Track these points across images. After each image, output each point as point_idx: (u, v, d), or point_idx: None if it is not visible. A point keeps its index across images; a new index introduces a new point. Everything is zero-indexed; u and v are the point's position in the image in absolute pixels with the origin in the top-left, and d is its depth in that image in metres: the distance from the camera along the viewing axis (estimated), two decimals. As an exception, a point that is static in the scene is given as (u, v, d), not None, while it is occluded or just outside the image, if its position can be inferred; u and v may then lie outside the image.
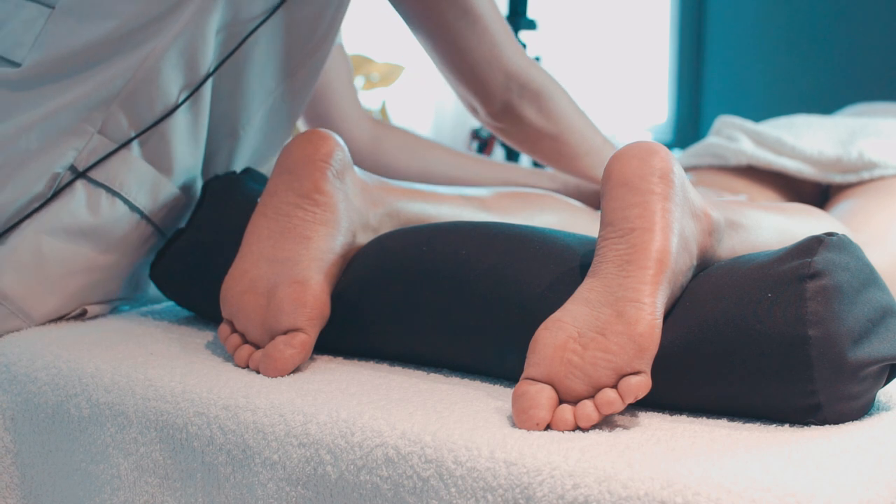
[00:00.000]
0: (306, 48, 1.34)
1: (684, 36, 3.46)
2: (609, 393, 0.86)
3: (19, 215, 1.18)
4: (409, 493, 0.86)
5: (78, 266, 1.21)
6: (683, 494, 0.75)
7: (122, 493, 1.02)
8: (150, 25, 1.20)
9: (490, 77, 1.38)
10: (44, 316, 1.21)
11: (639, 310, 0.86)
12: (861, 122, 1.80)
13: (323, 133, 1.11)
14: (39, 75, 1.19)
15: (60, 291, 1.21)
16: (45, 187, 1.19)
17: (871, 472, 0.78)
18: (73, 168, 1.20)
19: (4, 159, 1.18)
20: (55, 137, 1.19)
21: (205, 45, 1.23)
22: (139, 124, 1.22)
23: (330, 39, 1.36)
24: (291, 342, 1.03)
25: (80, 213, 1.20)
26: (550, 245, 1.01)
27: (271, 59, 1.31)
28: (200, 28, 1.21)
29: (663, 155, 0.92)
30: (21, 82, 1.19)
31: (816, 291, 0.86)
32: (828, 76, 3.15)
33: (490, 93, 1.39)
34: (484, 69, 1.37)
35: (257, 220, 1.10)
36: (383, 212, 1.15)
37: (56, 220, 1.19)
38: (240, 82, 1.30)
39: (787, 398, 0.86)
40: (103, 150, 1.21)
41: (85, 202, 1.20)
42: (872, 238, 1.34)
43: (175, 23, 1.20)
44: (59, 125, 1.19)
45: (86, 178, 1.20)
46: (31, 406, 1.10)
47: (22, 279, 1.18)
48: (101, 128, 1.20)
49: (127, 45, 1.19)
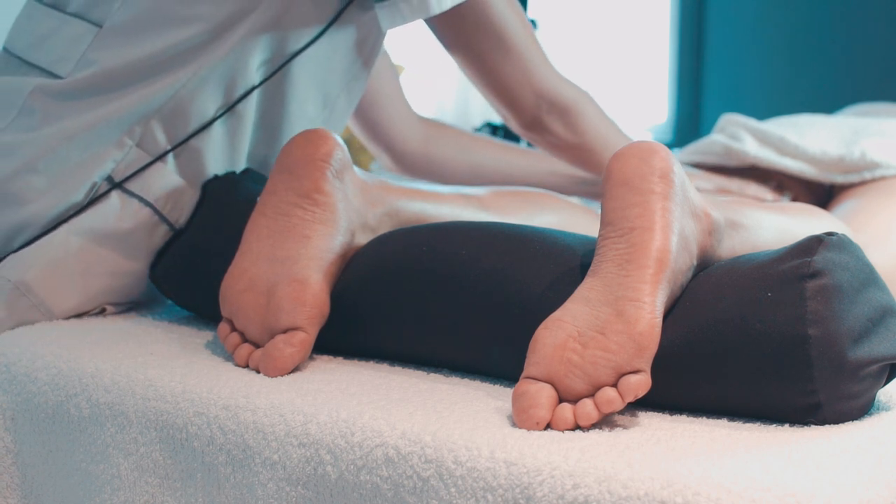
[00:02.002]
0: (346, 76, 1.37)
1: (684, 36, 3.46)
2: (609, 392, 0.86)
3: (56, 220, 1.22)
4: (409, 494, 0.86)
5: (103, 269, 1.23)
6: (683, 494, 0.75)
7: (122, 493, 1.02)
8: (194, 50, 1.23)
9: (521, 95, 1.41)
10: (64, 312, 1.23)
11: (639, 309, 0.86)
12: (864, 122, 1.80)
13: (322, 132, 1.11)
14: (82, 89, 1.23)
15: (83, 291, 1.23)
16: (83, 196, 1.22)
17: (871, 472, 0.78)
18: (110, 178, 1.23)
19: (45, 165, 1.21)
20: (96, 149, 1.22)
21: (246, 73, 1.26)
22: (174, 139, 1.25)
23: (369, 67, 1.39)
24: (291, 341, 1.03)
25: (111, 219, 1.23)
26: (550, 245, 1.01)
27: (312, 89, 1.34)
28: (244, 56, 1.25)
29: (663, 154, 0.92)
30: (63, 93, 1.23)
31: (816, 291, 0.86)
32: (828, 76, 3.15)
33: (520, 109, 1.43)
34: (515, 89, 1.41)
35: (257, 220, 1.10)
36: (382, 211, 1.15)
37: (88, 223, 1.23)
38: (281, 109, 1.32)
39: (787, 398, 0.86)
40: (139, 162, 1.24)
41: (118, 208, 1.23)
42: (873, 238, 1.34)
43: (218, 49, 1.24)
44: (101, 137, 1.22)
45: (121, 189, 1.23)
46: (31, 406, 1.10)
47: (48, 275, 1.21)
48: (140, 141, 1.23)
49: (171, 66, 1.23)
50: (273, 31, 1.26)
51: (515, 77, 1.40)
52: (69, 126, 1.21)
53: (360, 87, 1.41)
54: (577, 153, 1.50)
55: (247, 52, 1.25)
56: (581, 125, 1.47)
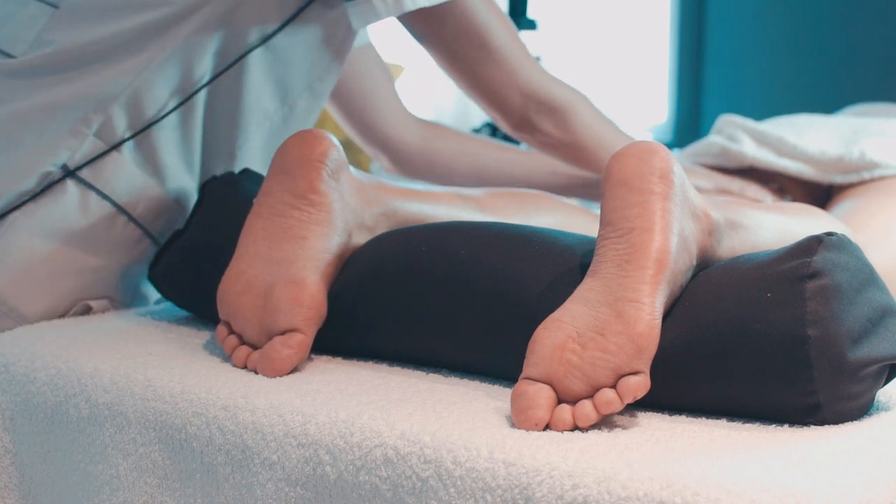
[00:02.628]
0: (310, 75, 1.36)
1: (684, 36, 3.46)
2: (608, 393, 0.86)
3: (7, 207, 1.21)
4: (408, 494, 0.86)
5: (68, 267, 1.23)
6: (682, 495, 0.75)
7: (121, 493, 1.02)
8: (151, 35, 1.22)
9: (507, 97, 1.41)
10: (38, 315, 1.23)
11: (638, 310, 0.86)
12: (863, 122, 1.80)
13: (317, 133, 1.11)
14: (34, 68, 1.22)
15: (52, 292, 1.23)
16: (35, 184, 1.21)
17: (871, 472, 0.78)
18: (65, 167, 1.22)
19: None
20: (50, 134, 1.21)
21: (201, 61, 1.25)
22: (131, 129, 1.24)
23: (337, 66, 1.38)
24: (289, 342, 1.03)
25: (71, 214, 1.22)
26: (550, 245, 1.01)
27: (269, 83, 1.33)
28: (198, 45, 1.24)
29: (663, 155, 0.92)
30: (15, 72, 1.22)
31: (816, 291, 0.86)
32: (828, 76, 3.15)
33: (508, 110, 1.43)
34: (501, 91, 1.40)
35: (253, 221, 1.10)
36: (379, 211, 1.14)
37: (48, 222, 1.22)
38: (236, 102, 1.32)
39: (787, 398, 0.86)
40: (95, 152, 1.23)
41: (76, 203, 1.23)
42: (873, 238, 1.34)
43: (174, 36, 1.23)
44: (54, 122, 1.21)
45: (76, 178, 1.23)
46: (30, 406, 1.10)
47: (14, 280, 1.21)
48: (98, 131, 1.23)
49: (126, 50, 1.22)
50: (230, 21, 1.25)
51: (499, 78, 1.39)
52: (20, 108, 1.21)
53: (326, 86, 1.39)
54: (570, 151, 1.49)
55: (203, 42, 1.24)
56: (572, 124, 1.46)
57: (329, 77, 1.38)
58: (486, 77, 1.39)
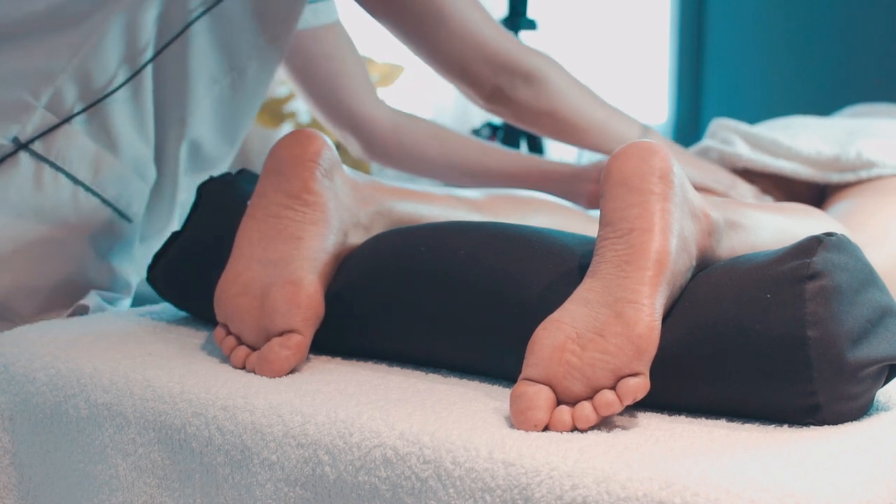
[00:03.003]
0: (257, 43, 1.35)
1: (684, 36, 3.46)
2: (607, 394, 0.85)
3: None
4: (408, 494, 0.86)
5: (28, 242, 1.24)
6: (682, 495, 0.75)
7: (121, 493, 1.02)
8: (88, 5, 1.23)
9: (474, 68, 1.38)
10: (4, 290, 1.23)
11: (637, 311, 0.86)
12: (859, 123, 1.80)
13: (310, 132, 1.10)
14: None
15: (13, 268, 1.23)
16: None
17: (871, 472, 0.78)
18: (16, 140, 1.23)
19: None
20: None
21: (144, 29, 1.26)
22: (82, 101, 1.25)
23: (284, 39, 1.36)
24: (287, 343, 1.03)
25: (26, 188, 1.23)
26: (549, 245, 1.01)
27: (215, 48, 1.33)
28: (140, 11, 1.25)
29: (663, 155, 0.91)
30: None
31: (815, 292, 0.86)
32: (828, 76, 3.15)
33: (477, 82, 1.40)
34: (468, 62, 1.38)
35: (247, 223, 1.09)
36: (374, 210, 1.14)
37: (3, 197, 1.23)
38: (183, 67, 1.32)
39: (787, 399, 0.86)
40: (46, 125, 1.24)
41: (31, 177, 1.24)
42: (871, 238, 1.34)
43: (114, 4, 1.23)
44: (2, 96, 1.22)
45: (28, 151, 1.23)
46: (29, 406, 1.10)
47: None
48: (47, 103, 1.23)
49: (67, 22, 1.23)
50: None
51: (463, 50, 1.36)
52: None
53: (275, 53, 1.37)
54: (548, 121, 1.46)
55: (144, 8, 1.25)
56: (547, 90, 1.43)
57: (278, 42, 1.37)
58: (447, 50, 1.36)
